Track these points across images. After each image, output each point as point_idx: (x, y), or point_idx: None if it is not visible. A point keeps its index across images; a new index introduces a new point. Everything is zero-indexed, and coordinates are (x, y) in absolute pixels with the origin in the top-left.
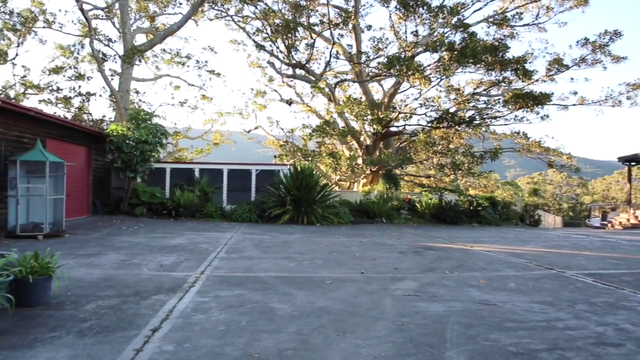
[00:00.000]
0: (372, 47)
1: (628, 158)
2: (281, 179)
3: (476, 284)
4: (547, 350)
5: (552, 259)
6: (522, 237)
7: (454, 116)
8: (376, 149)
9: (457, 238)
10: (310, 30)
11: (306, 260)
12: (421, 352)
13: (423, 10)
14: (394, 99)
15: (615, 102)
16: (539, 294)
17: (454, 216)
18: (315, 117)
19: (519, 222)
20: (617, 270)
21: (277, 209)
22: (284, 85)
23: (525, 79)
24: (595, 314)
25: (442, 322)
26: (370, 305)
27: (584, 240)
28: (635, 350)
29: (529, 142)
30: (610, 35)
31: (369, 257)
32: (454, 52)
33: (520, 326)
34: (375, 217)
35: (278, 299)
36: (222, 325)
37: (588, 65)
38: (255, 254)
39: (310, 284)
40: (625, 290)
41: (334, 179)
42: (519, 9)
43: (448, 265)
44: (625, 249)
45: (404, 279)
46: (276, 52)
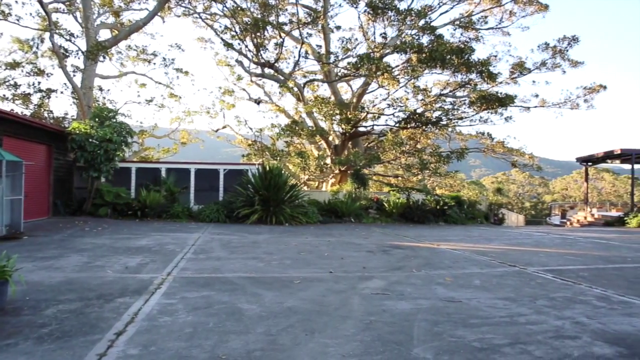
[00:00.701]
0: (341, 47)
1: (585, 158)
2: (249, 178)
3: (442, 282)
4: (509, 344)
5: (515, 256)
6: (487, 235)
7: (421, 117)
8: (345, 149)
9: (424, 237)
10: (279, 30)
11: (275, 261)
12: (389, 350)
13: (391, 13)
14: (362, 99)
15: (573, 105)
16: (503, 291)
17: (421, 215)
18: (284, 116)
19: (483, 221)
20: (575, 267)
21: (245, 209)
22: (253, 84)
23: (490, 81)
24: (555, 309)
25: (410, 319)
26: (339, 304)
27: (545, 238)
28: (591, 342)
29: (494, 143)
30: (568, 41)
31: (338, 257)
32: (422, 53)
33: (484, 322)
34: (343, 216)
35: (246, 299)
36: (189, 327)
37: (548, 69)
38: (223, 254)
39: (278, 284)
40: (582, 285)
41: (302, 178)
42: (484, 12)
43: (415, 264)
44: (582, 245)
45: (372, 277)
46: (245, 51)
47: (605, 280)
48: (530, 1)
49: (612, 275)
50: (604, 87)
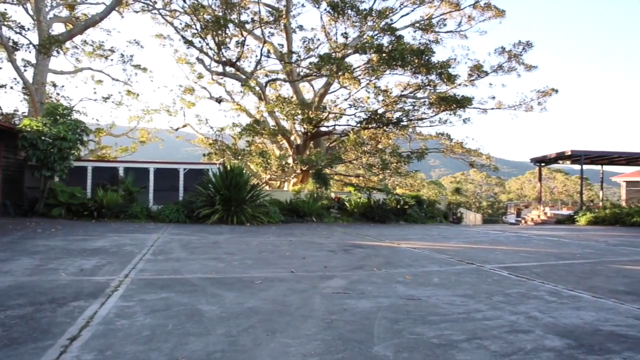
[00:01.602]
0: (303, 47)
1: (538, 159)
2: (210, 178)
3: (403, 280)
4: (466, 340)
5: (473, 254)
6: (446, 234)
7: (382, 117)
8: (306, 149)
9: (385, 236)
10: (241, 28)
11: (236, 261)
12: (349, 348)
13: (352, 13)
14: (324, 99)
15: (527, 107)
16: (460, 288)
17: (382, 215)
18: (246, 115)
19: (443, 220)
20: (529, 263)
21: (206, 209)
22: (214, 83)
23: (449, 83)
24: (510, 304)
25: (370, 318)
26: (300, 304)
27: (501, 236)
28: (542, 335)
29: (453, 143)
30: (523, 46)
31: (299, 256)
32: (383, 54)
33: (443, 319)
34: (305, 216)
35: (206, 300)
36: (148, 330)
37: (504, 72)
38: (183, 255)
39: (239, 284)
40: (535, 281)
41: (264, 178)
42: (443, 16)
43: (376, 263)
44: (536, 243)
45: (333, 277)
46: (206, 49)
47: (556, 276)
48: (488, 7)
49: (563, 271)
50: (555, 90)
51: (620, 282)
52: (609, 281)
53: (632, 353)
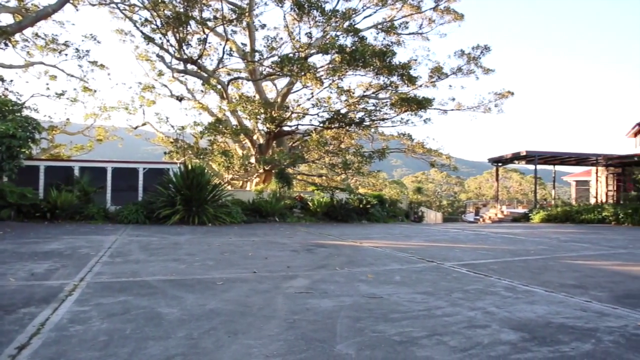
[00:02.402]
0: (266, 46)
1: (495, 159)
2: (171, 178)
3: (365, 279)
4: (427, 336)
5: (433, 252)
6: (407, 232)
7: (344, 117)
8: (269, 148)
9: (347, 235)
10: (203, 25)
11: (197, 262)
12: (312, 348)
13: (316, 13)
14: (287, 99)
15: (485, 109)
16: (421, 285)
17: (344, 214)
18: (208, 114)
19: (404, 219)
20: (487, 260)
21: (166, 209)
22: (175, 81)
23: (410, 84)
24: (468, 300)
25: (333, 317)
26: (263, 304)
27: (460, 234)
28: (499, 329)
29: (414, 144)
30: (481, 50)
31: (262, 256)
32: (345, 54)
33: (404, 316)
34: (268, 216)
35: (166, 303)
36: (104, 336)
37: (464, 75)
38: (142, 257)
39: (200, 286)
40: (492, 278)
41: (226, 178)
42: (405, 18)
43: (339, 262)
44: (493, 240)
45: (296, 276)
46: (166, 46)
47: (512, 272)
48: (448, 10)
49: (518, 267)
50: (511, 93)
51: (570, 276)
52: (560, 276)
53: (579, 343)
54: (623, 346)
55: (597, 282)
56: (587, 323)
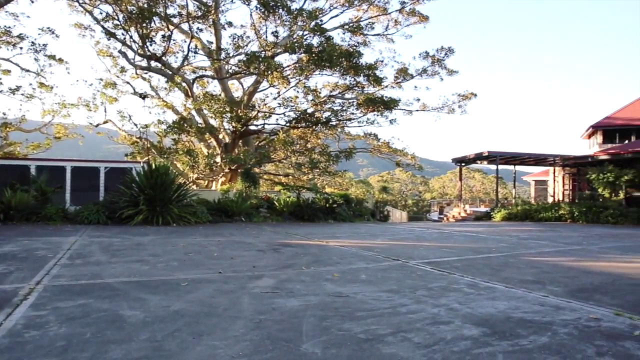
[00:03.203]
0: (233, 44)
1: (459, 159)
2: (134, 177)
3: (331, 278)
4: (392, 334)
5: (398, 250)
6: (373, 231)
7: (311, 117)
8: (235, 147)
9: (314, 235)
10: (167, 22)
11: (161, 263)
12: (278, 348)
13: (283, 12)
14: (253, 98)
15: (449, 110)
16: (387, 284)
17: (311, 213)
18: (172, 112)
19: (370, 218)
20: (450, 258)
21: (129, 209)
22: (138, 78)
23: (376, 84)
24: (432, 298)
25: (299, 316)
26: (228, 304)
27: (425, 233)
28: (461, 325)
29: (380, 143)
30: (445, 51)
31: (227, 257)
32: (312, 54)
33: (369, 314)
34: (234, 215)
35: (129, 305)
36: (62, 341)
37: (429, 76)
38: (103, 258)
39: (165, 287)
40: (455, 275)
41: (191, 177)
42: (371, 19)
43: (305, 261)
44: (457, 239)
45: (262, 276)
46: (129, 42)
47: (474, 269)
48: (413, 12)
49: (480, 265)
50: (474, 94)
51: (529, 272)
52: (520, 272)
53: (537, 336)
54: (576, 338)
55: (554, 277)
56: (544, 317)
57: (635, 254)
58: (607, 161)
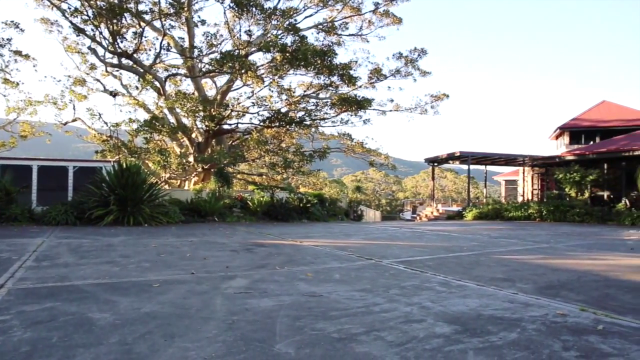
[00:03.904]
0: (206, 42)
1: (432, 159)
2: (104, 177)
3: (305, 278)
4: (365, 333)
5: (372, 250)
6: (347, 231)
7: (285, 116)
8: (208, 147)
9: (287, 234)
10: (138, 18)
11: (132, 264)
12: (251, 348)
13: (257, 11)
14: (227, 97)
15: (422, 110)
16: (360, 283)
17: (285, 213)
18: (144, 111)
19: (344, 218)
20: (423, 257)
21: (99, 210)
22: (108, 75)
23: (350, 84)
24: (405, 296)
25: (272, 316)
26: (201, 305)
27: (398, 232)
28: (434, 323)
29: (353, 143)
30: (418, 52)
31: (200, 257)
32: (286, 54)
33: (343, 314)
34: (207, 215)
35: (98, 308)
36: (27, 346)
37: (402, 77)
38: (71, 260)
39: (135, 288)
40: (427, 274)
41: (163, 177)
42: (345, 19)
43: (278, 261)
44: (429, 238)
45: (235, 276)
46: (99, 38)
47: (446, 268)
48: (387, 13)
49: (452, 263)
50: (447, 95)
51: (500, 270)
52: (490, 270)
53: (507, 333)
54: (544, 333)
55: (523, 275)
56: (513, 314)
57: (599, 251)
58: (574, 161)
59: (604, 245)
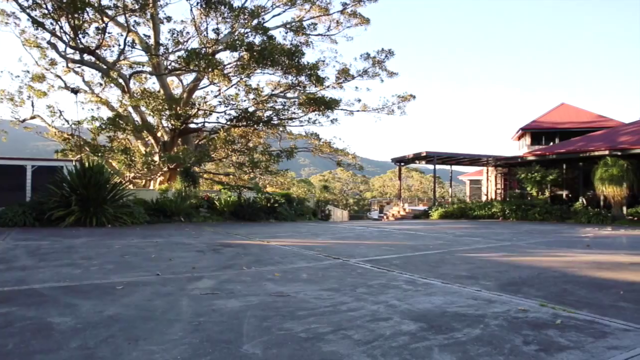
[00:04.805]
0: (172, 39)
1: (398, 159)
2: (65, 176)
3: (272, 278)
4: (332, 332)
5: (339, 249)
6: (314, 230)
7: (252, 115)
8: (174, 146)
9: (255, 234)
10: (101, 13)
11: (94, 266)
12: (218, 350)
13: (224, 9)
14: (193, 95)
15: (389, 111)
16: (327, 282)
17: (252, 213)
18: (107, 109)
19: (312, 217)
20: (389, 256)
21: (60, 210)
22: (70, 71)
23: (318, 84)
24: (372, 295)
25: (239, 317)
26: (166, 307)
27: (365, 231)
28: (400, 321)
29: (321, 143)
30: (386, 53)
31: (165, 258)
32: (254, 52)
33: (310, 313)
34: (173, 216)
35: (58, 312)
36: None
37: (369, 77)
38: (30, 262)
39: (98, 291)
40: (394, 272)
41: (128, 176)
42: (313, 19)
43: (246, 261)
44: (396, 237)
45: (201, 277)
46: (59, 33)
47: (412, 266)
48: (354, 14)
49: (418, 262)
50: (413, 96)
51: (464, 268)
52: (455, 268)
53: (470, 329)
54: (506, 329)
55: (487, 272)
56: (477, 310)
57: (559, 248)
58: (535, 162)
59: (562, 243)
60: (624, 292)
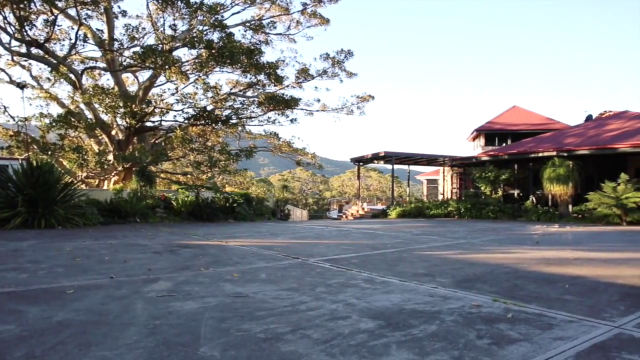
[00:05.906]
0: (127, 35)
1: (357, 159)
2: (11, 175)
3: (230, 278)
4: (291, 332)
5: (298, 249)
6: (274, 230)
7: (211, 114)
8: (129, 145)
9: (213, 235)
10: (50, 4)
11: (42, 270)
12: (174, 353)
13: (182, 5)
14: (150, 93)
15: (348, 111)
16: (287, 282)
17: (210, 213)
18: (57, 105)
19: (271, 217)
20: (348, 255)
21: (5, 212)
22: (15, 65)
23: (277, 83)
24: (331, 294)
25: (197, 319)
26: (120, 311)
27: (325, 231)
28: (358, 319)
29: (281, 143)
30: (345, 54)
31: (120, 260)
32: (212, 50)
33: (269, 313)
34: (128, 216)
35: (1, 319)
36: None
37: (329, 77)
38: None
39: (46, 296)
40: (353, 271)
41: (80, 176)
42: (273, 18)
43: (204, 262)
44: (355, 236)
45: (157, 279)
46: (3, 24)
47: (371, 265)
48: (314, 14)
49: (376, 260)
50: (372, 97)
51: (421, 266)
52: (413, 266)
53: (427, 325)
54: (461, 324)
55: (443, 270)
56: (433, 307)
57: (510, 245)
58: (488, 162)
59: (514, 240)
60: (569, 285)
